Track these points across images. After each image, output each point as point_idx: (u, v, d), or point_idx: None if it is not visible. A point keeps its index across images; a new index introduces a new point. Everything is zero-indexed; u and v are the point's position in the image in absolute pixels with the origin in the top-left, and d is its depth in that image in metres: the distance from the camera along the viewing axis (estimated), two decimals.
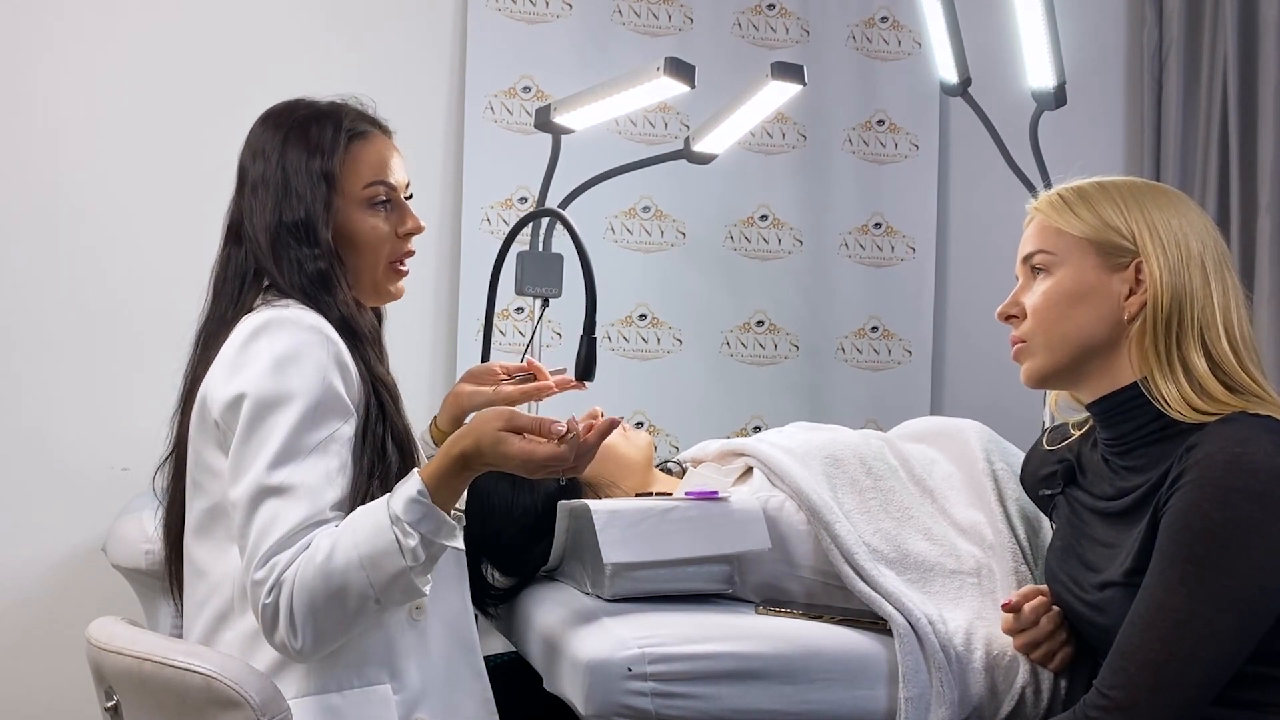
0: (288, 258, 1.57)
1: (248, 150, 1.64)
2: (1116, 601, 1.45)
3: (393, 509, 1.42)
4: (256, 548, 1.42)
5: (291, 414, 1.45)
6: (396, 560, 1.40)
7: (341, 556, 1.40)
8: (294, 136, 1.60)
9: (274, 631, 1.42)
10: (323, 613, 1.41)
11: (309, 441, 1.45)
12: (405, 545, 1.40)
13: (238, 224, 1.63)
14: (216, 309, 1.62)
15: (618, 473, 1.98)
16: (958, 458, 1.93)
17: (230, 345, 1.52)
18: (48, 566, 2.87)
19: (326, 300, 1.57)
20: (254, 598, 1.41)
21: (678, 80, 2.35)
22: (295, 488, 1.43)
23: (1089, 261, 1.52)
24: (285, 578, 1.40)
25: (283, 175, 1.58)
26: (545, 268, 2.57)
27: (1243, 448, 1.36)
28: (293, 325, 1.50)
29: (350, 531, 1.42)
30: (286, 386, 1.46)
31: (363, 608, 1.42)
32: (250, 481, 1.44)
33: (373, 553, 1.40)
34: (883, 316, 3.37)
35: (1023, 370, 1.58)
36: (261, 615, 1.41)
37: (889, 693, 1.60)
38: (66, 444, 2.88)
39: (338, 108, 1.65)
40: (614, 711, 1.53)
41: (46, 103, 2.90)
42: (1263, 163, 3.20)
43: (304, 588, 1.40)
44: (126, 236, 2.92)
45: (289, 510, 1.42)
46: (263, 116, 1.66)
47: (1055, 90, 2.62)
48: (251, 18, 3.00)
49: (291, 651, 1.42)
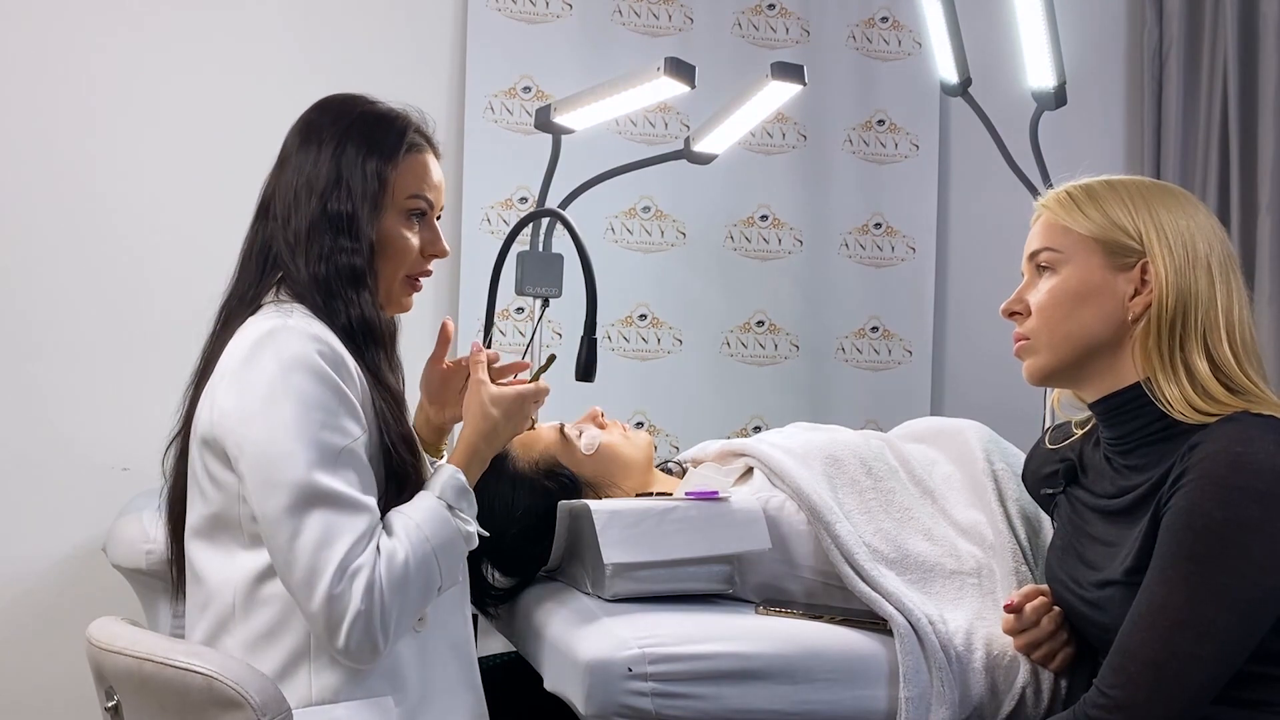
0: (319, 247, 1.55)
1: (299, 133, 1.62)
2: (1117, 600, 1.45)
3: (446, 499, 1.52)
4: (323, 562, 1.40)
5: (313, 423, 1.44)
6: (460, 546, 1.53)
7: (419, 552, 1.46)
8: (356, 131, 1.59)
9: (364, 636, 1.41)
10: (412, 609, 1.47)
11: (337, 447, 1.44)
12: (465, 531, 1.53)
13: (269, 201, 1.62)
14: (239, 286, 1.61)
15: (618, 473, 1.98)
16: (958, 458, 1.93)
17: (233, 356, 1.50)
18: (48, 566, 2.87)
19: (348, 297, 1.55)
20: (337, 609, 1.40)
21: (678, 80, 2.35)
22: (341, 494, 1.43)
23: (1095, 260, 1.52)
24: (374, 582, 1.41)
25: (336, 166, 1.57)
26: (545, 268, 2.57)
27: (1245, 447, 1.36)
28: (298, 334, 1.48)
29: (416, 527, 1.48)
30: (300, 395, 1.44)
31: (430, 598, 1.51)
32: (290, 492, 1.41)
33: (443, 543, 1.49)
34: (883, 316, 3.37)
35: (1025, 368, 1.58)
36: (352, 624, 1.40)
37: (889, 693, 1.60)
38: (66, 444, 2.87)
39: (403, 115, 1.64)
40: (614, 711, 1.53)
41: (48, 103, 2.90)
42: (1263, 163, 3.20)
43: (396, 588, 1.43)
44: (127, 236, 2.92)
45: (345, 520, 1.42)
46: (323, 103, 1.65)
47: (1055, 90, 2.62)
48: (251, 18, 3.00)
49: (369, 656, 1.44)
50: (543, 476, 1.93)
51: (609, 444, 1.98)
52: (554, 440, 1.98)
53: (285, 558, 1.43)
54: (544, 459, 1.95)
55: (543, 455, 1.96)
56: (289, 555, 1.42)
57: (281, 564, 1.44)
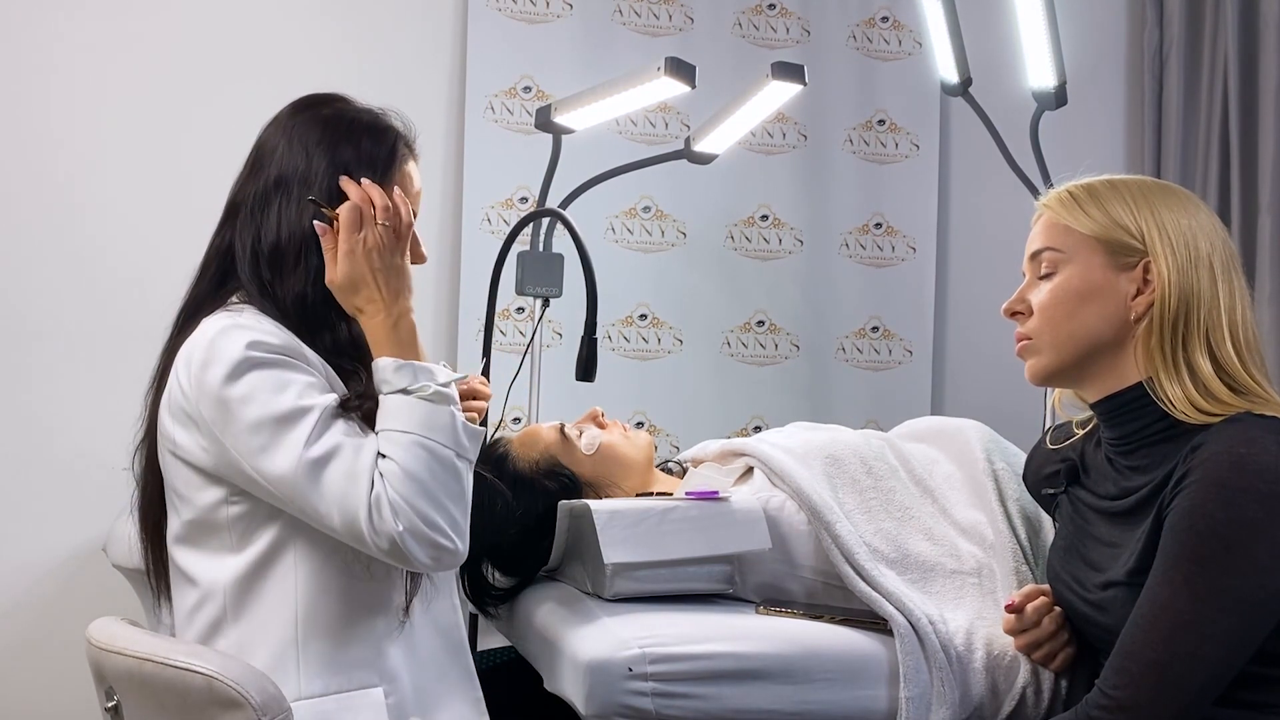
0: (304, 266, 1.52)
1: (278, 136, 1.58)
2: (1119, 601, 1.45)
3: (390, 388, 1.46)
4: (354, 508, 1.39)
5: (290, 398, 1.43)
6: (442, 414, 1.45)
7: (404, 452, 1.42)
8: (344, 141, 1.56)
9: (427, 548, 1.40)
10: (450, 495, 1.43)
11: (319, 408, 1.43)
12: (427, 396, 1.45)
13: (238, 205, 1.58)
14: (199, 288, 1.59)
15: (618, 473, 1.98)
16: (958, 457, 1.93)
17: (192, 360, 1.48)
18: (48, 566, 2.87)
19: (331, 323, 1.53)
20: (393, 548, 1.39)
21: (678, 80, 2.35)
22: (340, 445, 1.42)
23: (1097, 260, 1.51)
24: (396, 504, 1.39)
25: (330, 180, 1.53)
26: (545, 268, 2.57)
27: (1248, 448, 1.36)
28: (250, 330, 1.47)
29: (389, 435, 1.43)
30: (270, 383, 1.43)
31: (459, 472, 1.45)
32: (292, 466, 1.41)
33: (422, 426, 1.43)
34: (883, 316, 3.37)
35: (1027, 368, 1.58)
36: (410, 547, 1.39)
37: (889, 693, 1.60)
38: (66, 444, 2.87)
39: (392, 125, 1.61)
40: (614, 711, 1.53)
41: (51, 102, 2.90)
42: (1263, 163, 3.20)
43: (417, 495, 1.40)
44: (128, 235, 2.92)
45: (353, 462, 1.41)
46: (303, 106, 1.61)
47: (1056, 90, 2.62)
48: (251, 18, 3.00)
49: (448, 559, 1.43)
50: (543, 476, 1.93)
51: (609, 444, 1.99)
52: (554, 440, 1.98)
53: (323, 525, 1.43)
54: (544, 459, 1.95)
55: (543, 455, 1.96)
56: (325, 522, 1.42)
57: (326, 530, 1.44)
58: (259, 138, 1.61)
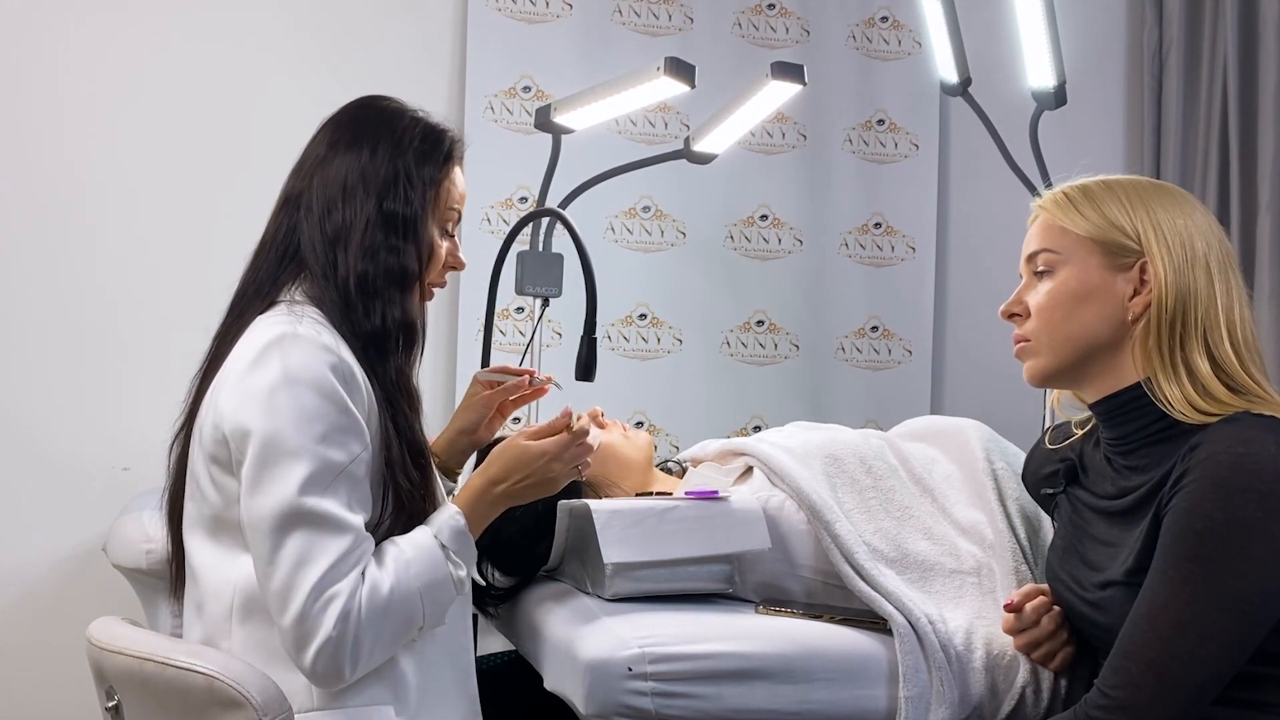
0: (369, 243, 1.55)
1: (346, 128, 1.61)
2: (1118, 601, 1.45)
3: (442, 540, 1.50)
4: (299, 581, 1.39)
5: (311, 437, 1.42)
6: (449, 591, 1.50)
7: (403, 588, 1.45)
8: (408, 138, 1.60)
9: (330, 661, 1.40)
10: (386, 644, 1.45)
11: (333, 464, 1.43)
12: (456, 576, 1.51)
13: (299, 194, 1.59)
14: (254, 276, 1.60)
15: (618, 472, 1.99)
16: (958, 457, 1.93)
17: (240, 359, 1.49)
18: (48, 566, 2.87)
19: (389, 297, 1.55)
20: (306, 629, 1.39)
21: (678, 80, 2.36)
22: (327, 515, 1.42)
23: (1093, 261, 1.51)
24: (350, 610, 1.40)
25: (393, 168, 1.57)
26: (545, 268, 2.57)
27: (1246, 448, 1.36)
28: (307, 342, 1.47)
29: (406, 564, 1.46)
30: (301, 406, 1.43)
31: (409, 636, 1.49)
32: (277, 505, 1.41)
33: (431, 584, 1.48)
34: (883, 316, 3.37)
35: (1026, 369, 1.58)
36: (320, 648, 1.39)
37: (889, 692, 1.60)
38: (66, 444, 2.87)
39: (448, 128, 1.65)
40: (614, 711, 1.53)
41: (46, 104, 2.90)
42: (1263, 162, 3.20)
43: (373, 620, 1.42)
44: (128, 236, 2.91)
45: (327, 540, 1.41)
46: (367, 103, 1.66)
47: (1055, 90, 2.62)
48: (251, 18, 3.00)
49: (333, 680, 1.43)
50: None
51: (609, 444, 1.99)
52: None
53: (264, 569, 1.42)
54: None
55: None
56: (268, 568, 1.42)
57: (260, 574, 1.43)
58: (320, 131, 1.64)
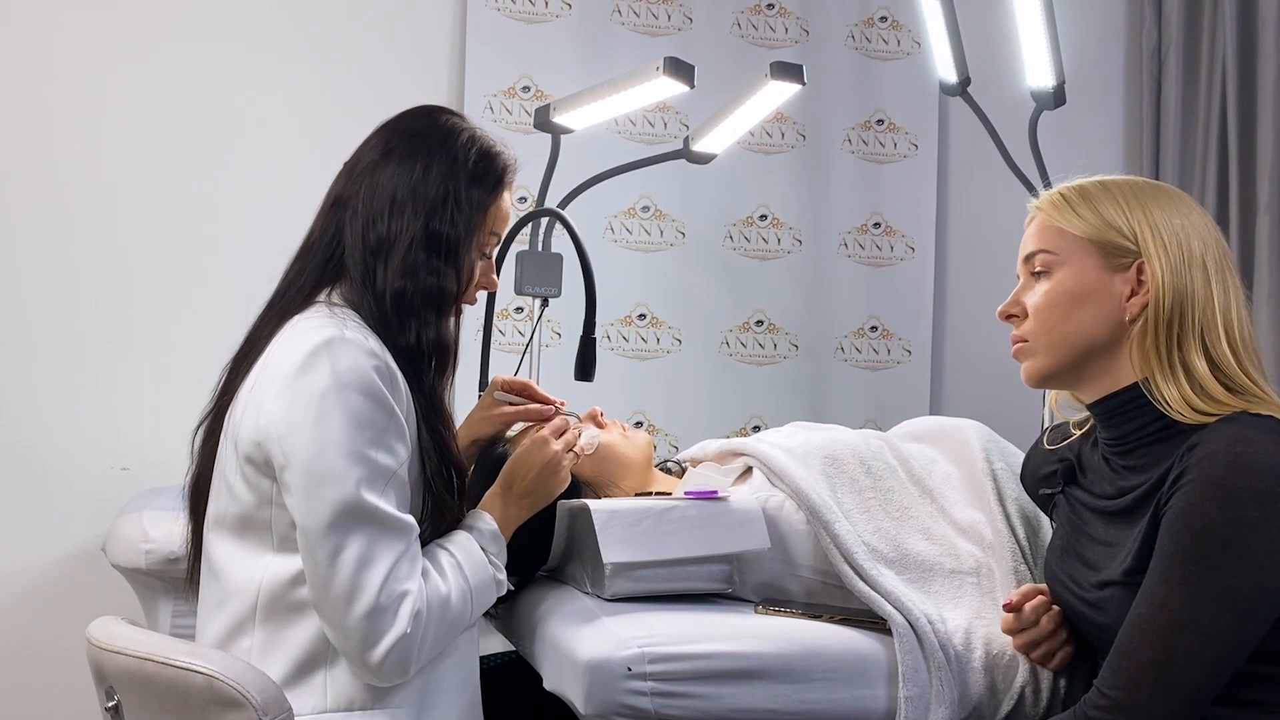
0: (410, 261, 1.54)
1: (404, 138, 1.60)
2: (1116, 601, 1.45)
3: (484, 544, 1.58)
4: (366, 580, 1.41)
5: (364, 441, 1.43)
6: (493, 593, 1.58)
7: (458, 589, 1.51)
8: (463, 158, 1.60)
9: (400, 658, 1.43)
10: (441, 643, 1.51)
11: (385, 468, 1.45)
12: (497, 579, 1.58)
13: (347, 198, 1.59)
14: (298, 274, 1.60)
15: (617, 472, 1.98)
16: (957, 457, 1.93)
17: (287, 363, 1.48)
18: (48, 566, 2.87)
19: (424, 318, 1.55)
20: (378, 625, 1.41)
21: (677, 80, 2.36)
22: (386, 514, 1.44)
23: (1090, 261, 1.52)
24: (421, 608, 1.44)
25: (445, 187, 1.57)
26: (545, 268, 2.57)
27: (1244, 447, 1.36)
28: (355, 347, 1.47)
29: (457, 566, 1.53)
30: (353, 411, 1.44)
31: (455, 636, 1.55)
32: (337, 505, 1.42)
33: (479, 586, 1.55)
34: (882, 316, 3.38)
35: (1023, 370, 1.58)
36: (394, 644, 1.42)
37: (889, 692, 1.60)
38: (66, 444, 2.87)
39: (505, 152, 1.66)
40: (614, 711, 1.53)
41: (45, 106, 2.90)
42: (1262, 162, 3.20)
43: (435, 619, 1.47)
44: (128, 237, 2.92)
45: (389, 540, 1.44)
46: (427, 113, 1.65)
47: (1055, 90, 2.63)
48: (250, 17, 3.00)
49: (398, 676, 1.46)
50: None
51: (608, 443, 1.99)
52: None
53: (323, 572, 1.43)
54: None
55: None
56: (329, 570, 1.42)
57: (318, 578, 1.44)
58: (375, 135, 1.64)
